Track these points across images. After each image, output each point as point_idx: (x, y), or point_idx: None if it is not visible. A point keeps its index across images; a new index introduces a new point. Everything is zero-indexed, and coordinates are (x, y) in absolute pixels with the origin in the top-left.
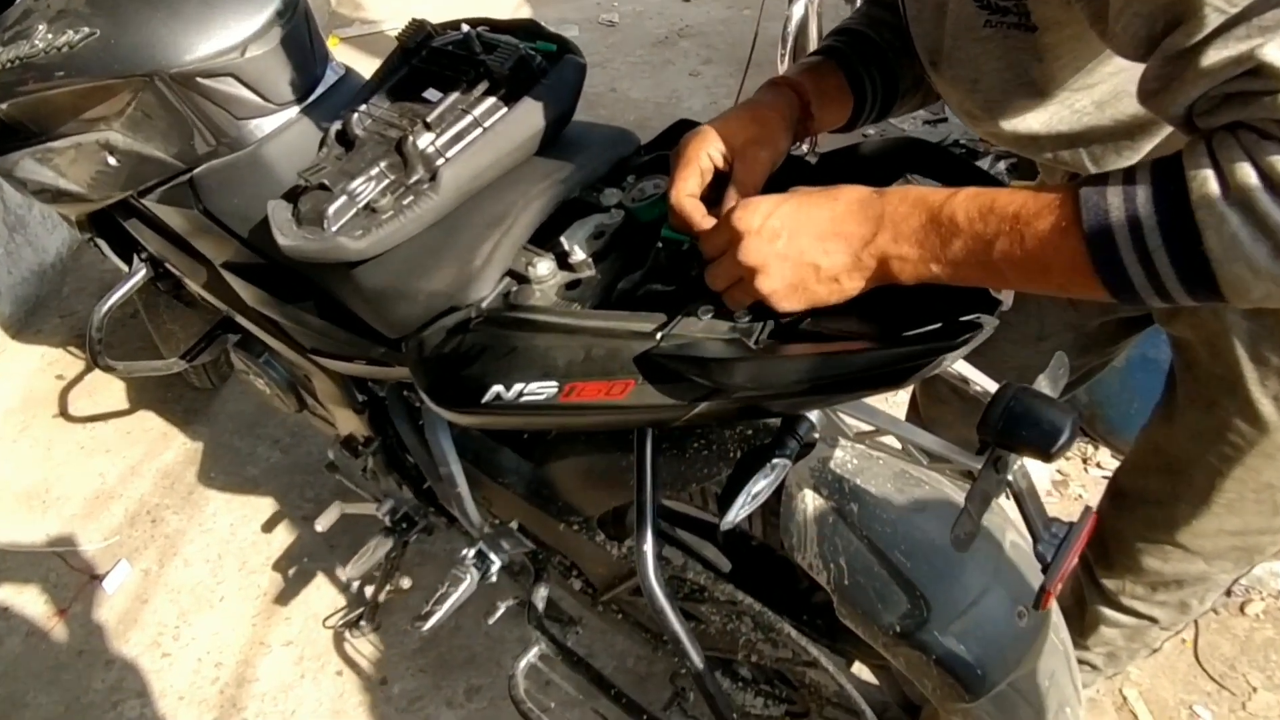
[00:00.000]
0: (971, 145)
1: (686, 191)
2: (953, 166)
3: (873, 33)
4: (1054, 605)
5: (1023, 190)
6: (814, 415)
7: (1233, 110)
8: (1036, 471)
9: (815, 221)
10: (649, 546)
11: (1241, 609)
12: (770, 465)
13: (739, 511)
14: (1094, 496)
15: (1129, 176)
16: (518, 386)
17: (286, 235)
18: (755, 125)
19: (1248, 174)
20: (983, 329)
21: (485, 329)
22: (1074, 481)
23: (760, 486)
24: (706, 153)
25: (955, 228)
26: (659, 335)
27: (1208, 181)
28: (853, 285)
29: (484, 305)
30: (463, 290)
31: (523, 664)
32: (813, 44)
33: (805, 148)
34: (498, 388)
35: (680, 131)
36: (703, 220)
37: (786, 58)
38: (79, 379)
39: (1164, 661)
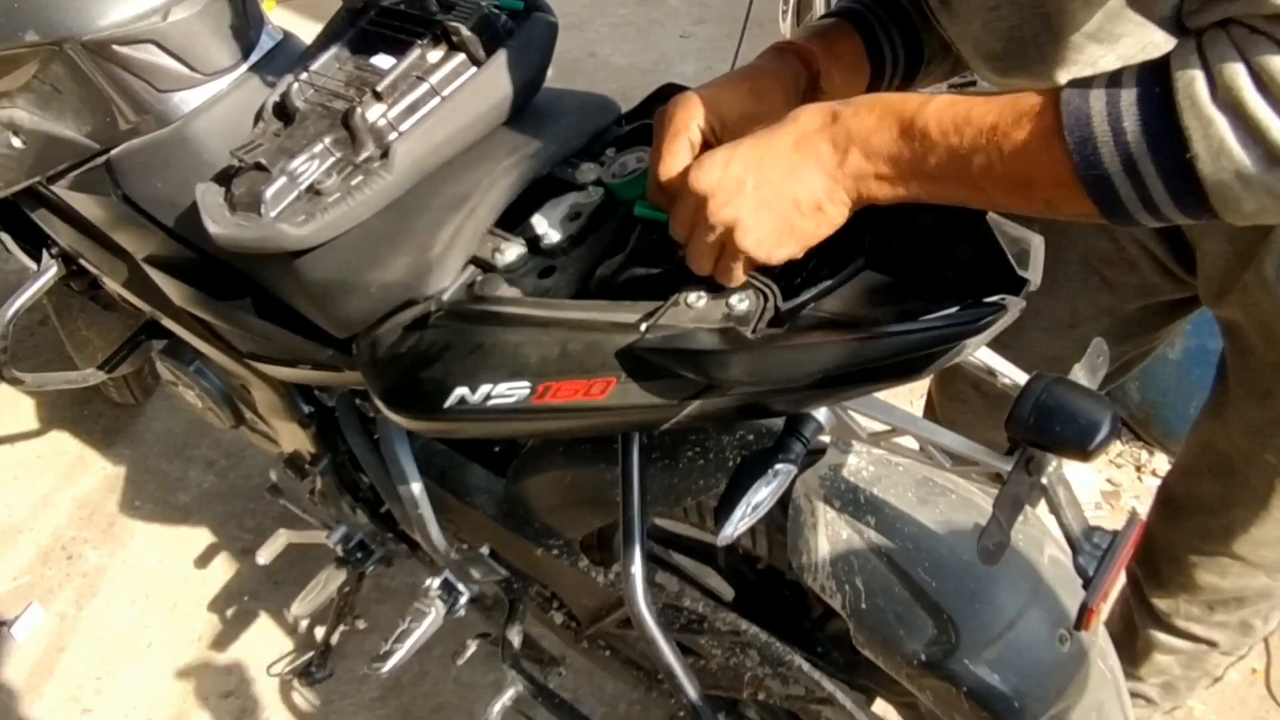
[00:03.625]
0: None
1: (673, 168)
2: None
3: None
4: (1100, 628)
5: (1001, 97)
6: (822, 415)
7: (1221, 6)
8: (1085, 482)
9: (778, 154)
10: (638, 569)
11: None
12: (773, 472)
13: (738, 525)
14: (1148, 509)
15: (1114, 79)
16: (485, 389)
17: (218, 223)
18: (752, 99)
19: (1236, 73)
20: (1007, 311)
21: (447, 324)
22: (1126, 492)
23: (762, 496)
24: (696, 124)
25: (929, 142)
26: (644, 326)
27: (1194, 82)
28: (838, 211)
29: (445, 298)
30: (420, 281)
31: (496, 709)
32: (817, 1)
33: None
34: (462, 390)
35: (666, 98)
36: None
37: (789, 16)
38: None
39: (1232, 694)
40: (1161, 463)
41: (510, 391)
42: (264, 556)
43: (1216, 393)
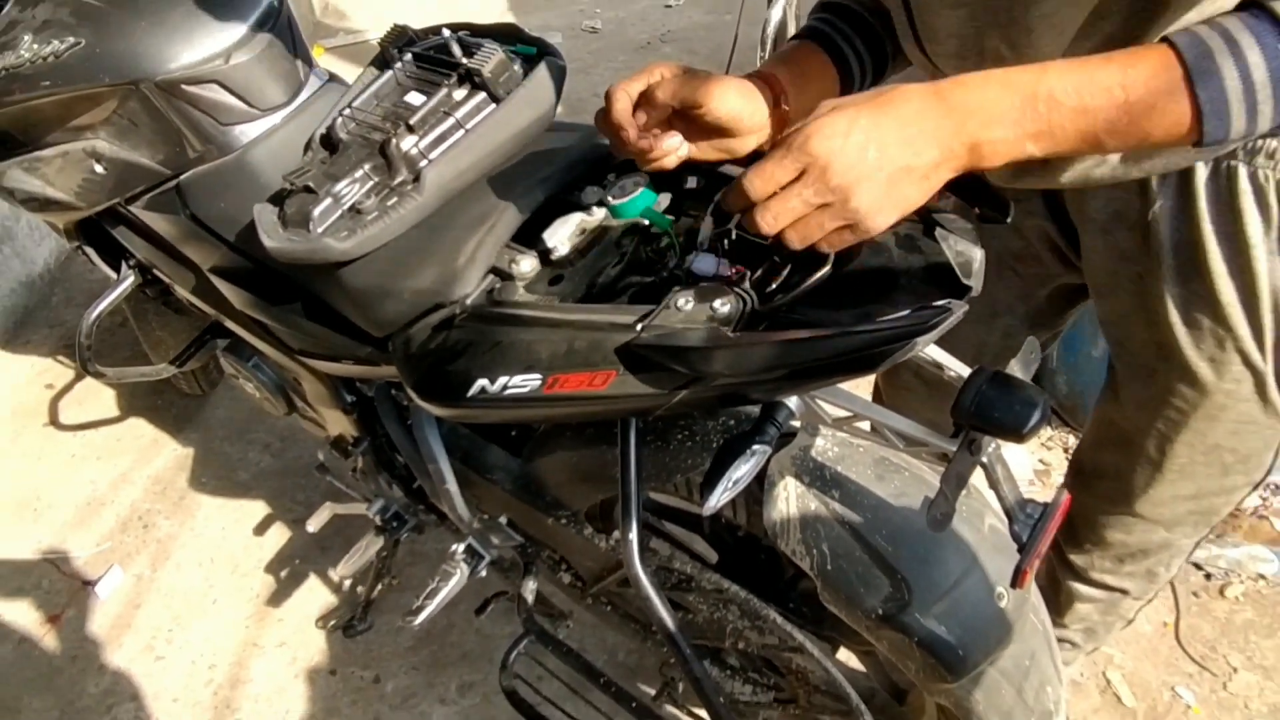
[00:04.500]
0: None
1: (626, 89)
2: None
3: (852, 1)
4: (1033, 587)
5: (1117, 55)
6: (793, 403)
7: None
8: (1020, 462)
9: (897, 123)
10: (634, 535)
11: (1221, 592)
12: (750, 451)
13: (720, 497)
14: None
15: (1225, 34)
16: (502, 380)
17: (273, 238)
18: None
19: None
20: (952, 313)
21: (469, 325)
22: (1056, 471)
23: (741, 472)
24: (662, 72)
25: (1055, 104)
26: (639, 326)
27: None
28: (940, 178)
29: (468, 302)
30: (447, 287)
31: (513, 656)
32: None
33: None
34: (482, 381)
35: None
36: (628, 124)
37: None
38: (69, 388)
39: (1146, 645)
40: None
41: (524, 382)
42: (313, 525)
43: (1110, 378)
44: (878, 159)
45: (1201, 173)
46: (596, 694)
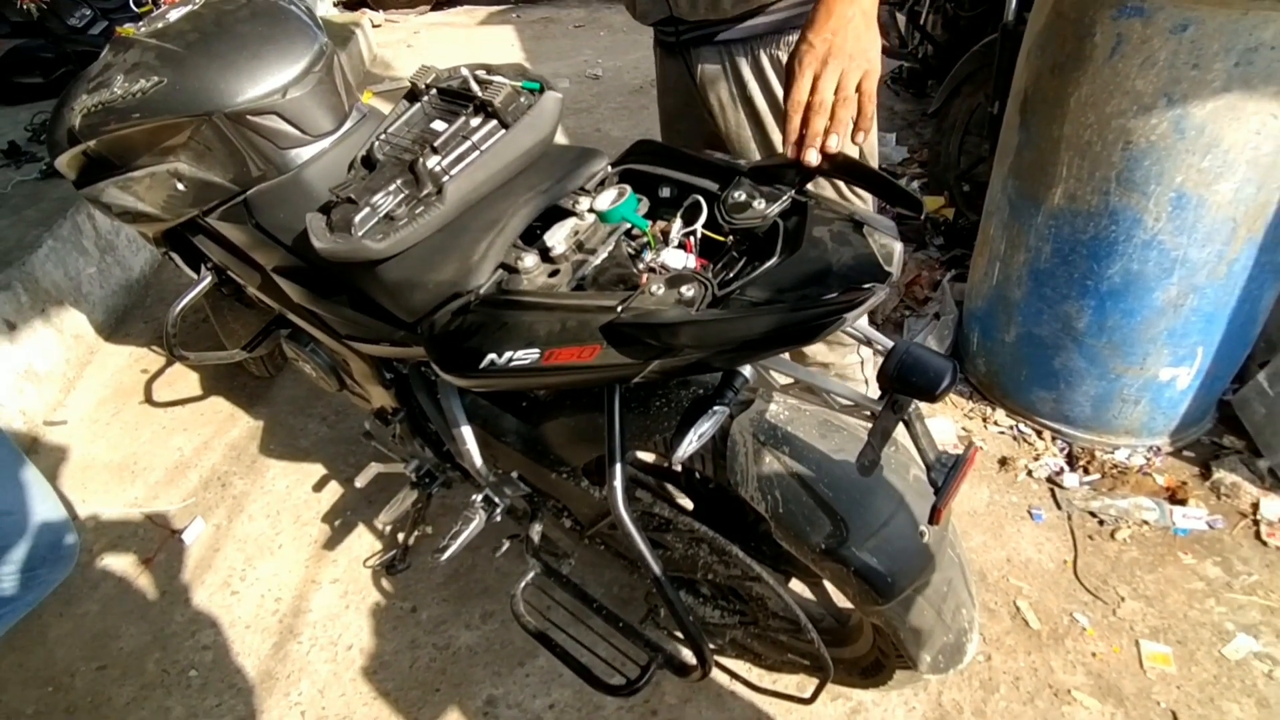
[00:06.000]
0: (891, 170)
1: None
2: (863, 174)
3: None
4: (952, 526)
5: None
6: (747, 371)
7: None
8: (945, 428)
9: (853, 26)
10: (619, 483)
11: (1112, 535)
12: (712, 411)
13: (687, 448)
14: (992, 449)
15: None
16: (508, 354)
17: (321, 240)
18: None
19: None
20: (874, 294)
21: (481, 310)
22: (976, 437)
23: (705, 428)
24: None
25: None
26: (619, 308)
27: None
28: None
29: (481, 291)
30: (464, 280)
31: (521, 585)
32: None
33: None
34: (492, 355)
35: (640, 150)
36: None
37: None
38: (160, 372)
39: (1049, 578)
40: (1001, 416)
41: (525, 356)
42: (360, 481)
43: None
44: (852, 45)
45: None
46: (593, 619)
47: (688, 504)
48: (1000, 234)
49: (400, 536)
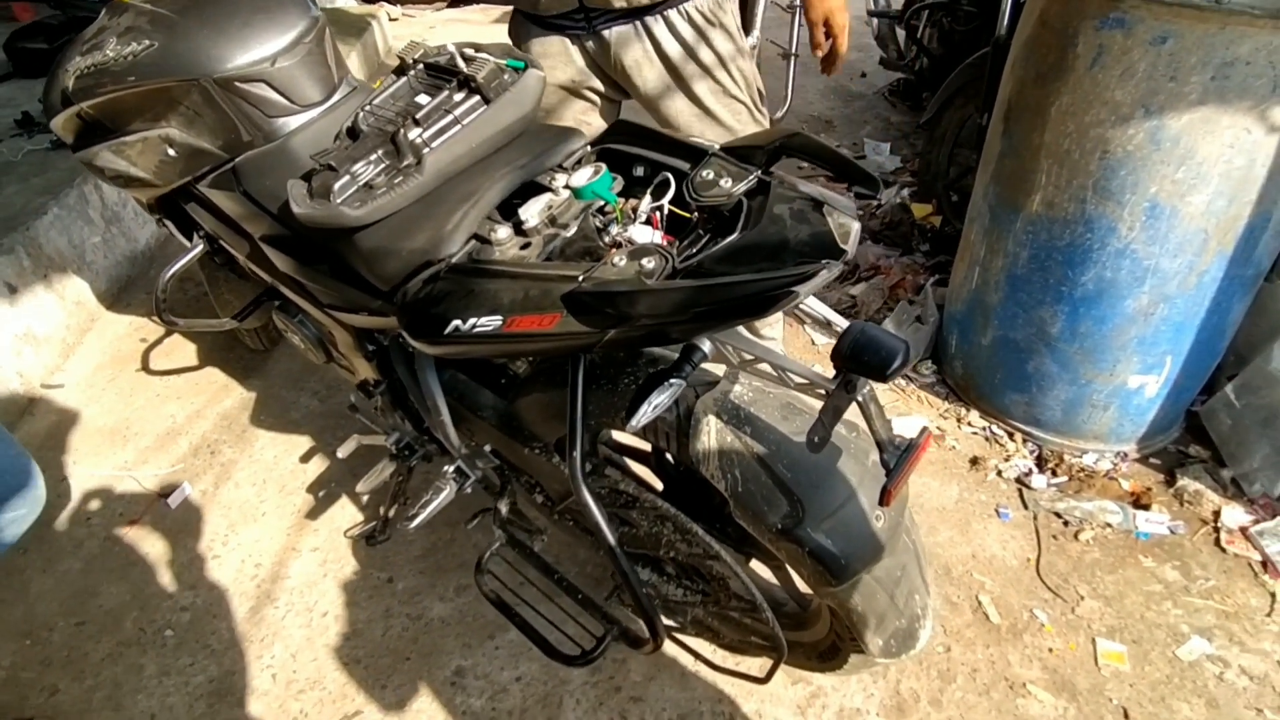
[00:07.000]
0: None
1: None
2: (824, 155)
3: None
4: (909, 513)
5: None
6: (706, 346)
7: None
8: (919, 425)
9: None
10: (579, 454)
11: (1075, 536)
12: (668, 384)
13: (641, 419)
14: (965, 449)
15: None
16: (471, 320)
17: (301, 206)
18: None
19: None
20: (825, 270)
21: (450, 277)
22: (950, 436)
23: (660, 399)
24: None
25: None
26: (581, 278)
27: None
28: None
29: (453, 260)
30: (436, 248)
31: (486, 554)
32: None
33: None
34: (456, 321)
35: (617, 130)
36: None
37: None
38: (158, 342)
39: (1011, 575)
40: (975, 418)
41: (489, 322)
42: (342, 452)
43: None
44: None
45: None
46: (554, 590)
47: (659, 484)
48: (981, 239)
49: (382, 510)
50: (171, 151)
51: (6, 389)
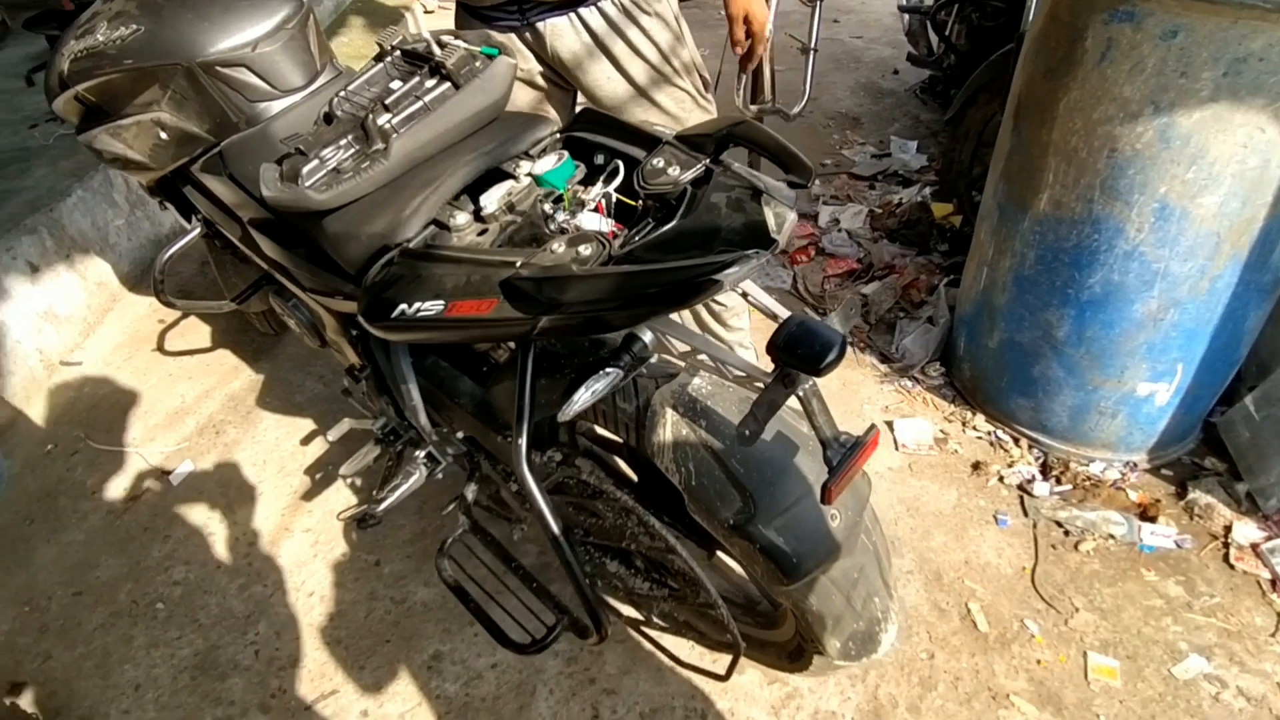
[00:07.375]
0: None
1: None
2: (766, 143)
3: None
4: (872, 513)
5: None
6: (646, 337)
7: None
8: (923, 429)
9: None
10: (524, 441)
11: (1076, 546)
12: (605, 372)
13: (578, 405)
14: (968, 453)
15: None
16: (416, 304)
17: (269, 189)
18: None
19: None
20: (753, 258)
21: (403, 262)
22: (953, 440)
23: (598, 386)
24: None
25: None
26: (519, 264)
27: None
28: None
29: (409, 245)
30: (394, 233)
31: (449, 540)
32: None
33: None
34: (402, 305)
35: (584, 118)
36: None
37: (743, 93)
38: (175, 324)
39: (1005, 583)
40: (980, 421)
41: (431, 307)
42: (332, 435)
43: None
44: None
45: None
46: (511, 579)
47: (635, 477)
48: (989, 239)
49: (374, 494)
50: (163, 135)
51: (25, 365)
